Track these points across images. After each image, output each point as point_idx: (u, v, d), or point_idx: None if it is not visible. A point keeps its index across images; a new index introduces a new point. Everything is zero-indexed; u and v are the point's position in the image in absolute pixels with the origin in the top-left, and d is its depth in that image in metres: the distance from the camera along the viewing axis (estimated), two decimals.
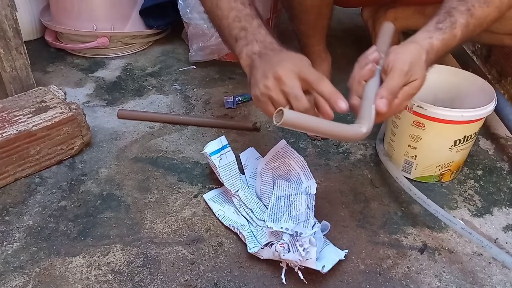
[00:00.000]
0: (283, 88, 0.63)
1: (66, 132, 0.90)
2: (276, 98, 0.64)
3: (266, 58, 0.67)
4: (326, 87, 0.63)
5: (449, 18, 0.69)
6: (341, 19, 1.58)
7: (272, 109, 0.65)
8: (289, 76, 0.63)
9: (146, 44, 1.39)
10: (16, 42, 0.99)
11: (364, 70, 0.66)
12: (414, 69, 0.64)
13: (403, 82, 0.64)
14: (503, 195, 0.89)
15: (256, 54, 0.69)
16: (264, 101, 0.65)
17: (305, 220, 0.72)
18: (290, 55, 0.67)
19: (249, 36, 0.70)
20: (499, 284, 0.71)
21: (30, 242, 0.76)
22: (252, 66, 0.68)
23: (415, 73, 0.65)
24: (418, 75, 0.65)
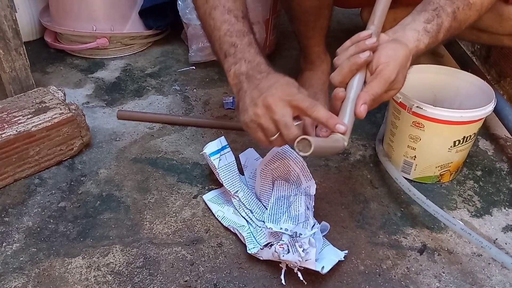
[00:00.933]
0: (273, 116, 0.63)
1: (65, 133, 0.90)
2: (266, 126, 0.64)
3: (255, 82, 0.67)
4: (321, 113, 0.64)
5: (436, 20, 0.68)
6: (341, 20, 1.58)
7: (261, 136, 0.66)
8: (278, 105, 0.63)
9: (146, 44, 1.39)
10: (15, 42, 0.99)
11: (360, 59, 0.65)
12: (398, 78, 0.65)
13: (386, 90, 0.65)
14: (503, 195, 0.89)
15: (243, 75, 0.68)
16: (254, 128, 0.66)
17: (305, 221, 0.72)
18: (278, 81, 0.66)
19: (238, 54, 0.70)
20: (498, 285, 0.71)
21: (29, 243, 0.76)
22: (240, 88, 0.69)
23: (398, 82, 0.66)
24: (399, 84, 0.66)
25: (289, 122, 0.63)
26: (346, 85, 0.67)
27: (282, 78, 0.67)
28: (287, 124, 0.63)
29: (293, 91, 0.65)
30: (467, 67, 1.15)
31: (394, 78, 0.64)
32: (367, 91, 0.64)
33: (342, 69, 0.66)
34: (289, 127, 0.63)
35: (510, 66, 1.15)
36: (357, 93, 0.65)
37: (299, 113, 0.65)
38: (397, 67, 0.64)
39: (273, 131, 0.64)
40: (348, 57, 0.66)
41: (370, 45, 0.65)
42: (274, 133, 0.64)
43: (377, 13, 0.71)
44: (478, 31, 0.96)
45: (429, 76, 0.92)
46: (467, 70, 0.98)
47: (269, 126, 0.64)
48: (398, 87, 0.66)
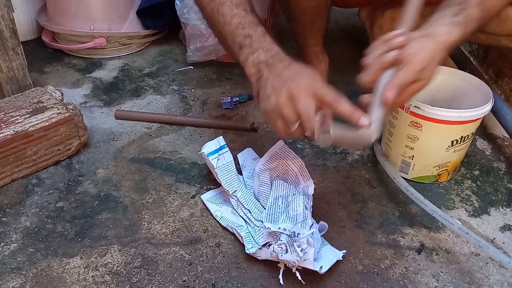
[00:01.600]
0: (296, 106, 0.63)
1: (63, 133, 0.90)
2: (288, 115, 0.64)
3: (276, 71, 0.66)
4: (346, 107, 0.64)
5: (463, 12, 0.68)
6: (339, 20, 1.58)
7: (280, 125, 0.65)
8: (303, 96, 0.63)
9: (144, 44, 1.39)
10: (13, 42, 0.99)
11: (388, 57, 0.65)
12: (427, 69, 0.64)
13: (414, 79, 0.64)
14: (500, 195, 0.89)
15: (263, 64, 0.68)
16: (274, 117, 0.65)
17: (303, 221, 0.72)
18: (303, 71, 0.66)
19: (255, 44, 0.69)
20: (496, 284, 0.71)
21: (27, 243, 0.75)
22: (260, 76, 0.68)
23: (426, 73, 0.65)
24: (428, 75, 0.65)
25: (312, 114, 0.63)
26: (374, 86, 0.66)
27: (306, 69, 0.67)
28: (310, 115, 0.63)
29: (318, 83, 0.65)
30: (465, 67, 1.16)
31: (421, 68, 0.63)
32: (395, 78, 0.64)
33: (370, 68, 0.66)
34: (311, 119, 0.63)
35: (507, 66, 1.15)
36: None
37: (322, 105, 0.64)
38: (425, 57, 0.64)
39: (293, 121, 0.64)
40: (377, 56, 0.66)
41: (399, 43, 0.65)
42: (294, 123, 0.64)
43: (408, 13, 0.71)
44: (476, 31, 0.96)
45: None
46: (465, 70, 0.98)
47: (290, 116, 0.64)
48: (427, 77, 0.65)
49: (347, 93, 0.67)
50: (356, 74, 0.69)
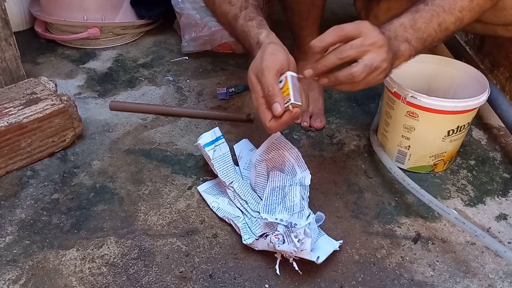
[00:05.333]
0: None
1: (57, 124, 0.89)
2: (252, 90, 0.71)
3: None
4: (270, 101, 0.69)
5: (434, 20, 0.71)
6: (334, 10, 1.58)
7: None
8: (250, 75, 0.71)
9: (138, 34, 1.38)
10: (5, 33, 0.97)
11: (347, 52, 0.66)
12: (371, 75, 0.66)
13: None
14: (496, 184, 0.89)
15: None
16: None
17: (300, 211, 0.72)
18: (265, 51, 0.71)
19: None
20: (491, 273, 0.72)
21: (22, 235, 0.75)
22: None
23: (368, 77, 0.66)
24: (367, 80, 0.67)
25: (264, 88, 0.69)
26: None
27: (270, 49, 0.71)
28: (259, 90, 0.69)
29: (265, 63, 0.69)
30: (460, 56, 1.16)
31: (368, 73, 0.65)
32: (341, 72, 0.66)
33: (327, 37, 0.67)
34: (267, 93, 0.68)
35: (503, 55, 1.15)
36: None
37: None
38: (378, 66, 0.65)
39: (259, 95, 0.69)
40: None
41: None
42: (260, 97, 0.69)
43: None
44: (472, 21, 0.96)
45: (423, 65, 0.92)
46: (461, 60, 0.98)
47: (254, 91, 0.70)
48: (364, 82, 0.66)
49: None
50: None
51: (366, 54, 0.64)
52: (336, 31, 0.65)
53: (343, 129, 1.02)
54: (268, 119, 0.68)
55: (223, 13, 0.80)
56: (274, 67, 0.68)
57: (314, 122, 1.02)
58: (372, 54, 0.64)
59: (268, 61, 0.68)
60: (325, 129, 1.02)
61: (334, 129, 1.02)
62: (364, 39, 0.64)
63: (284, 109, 0.66)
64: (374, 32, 0.64)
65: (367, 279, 0.70)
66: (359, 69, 0.64)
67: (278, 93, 0.67)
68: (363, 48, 0.64)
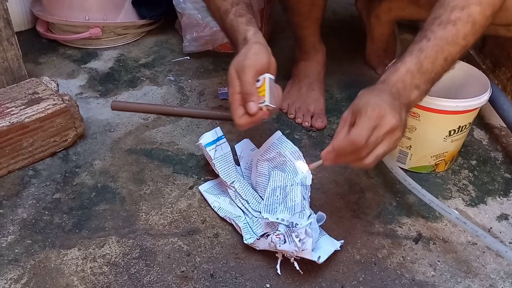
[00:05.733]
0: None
1: (59, 124, 0.89)
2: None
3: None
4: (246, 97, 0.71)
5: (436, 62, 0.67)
6: (336, 10, 1.58)
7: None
8: (230, 71, 0.74)
9: (139, 34, 1.38)
10: (7, 32, 0.98)
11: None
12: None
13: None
14: (497, 184, 0.89)
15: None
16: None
17: (301, 211, 0.72)
18: (249, 50, 0.73)
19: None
20: (493, 273, 0.72)
21: (24, 234, 0.75)
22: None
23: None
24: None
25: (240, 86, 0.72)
26: None
27: (253, 49, 0.73)
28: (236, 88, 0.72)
29: (246, 62, 0.71)
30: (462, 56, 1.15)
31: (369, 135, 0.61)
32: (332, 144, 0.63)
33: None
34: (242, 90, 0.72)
35: (505, 55, 1.15)
36: None
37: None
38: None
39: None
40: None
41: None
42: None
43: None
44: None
45: None
46: (462, 60, 0.98)
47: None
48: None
49: (345, 83, 0.67)
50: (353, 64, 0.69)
51: (382, 142, 0.62)
52: (345, 140, 0.61)
53: None
54: (239, 115, 0.71)
55: (216, 8, 0.82)
56: (254, 67, 0.70)
57: (315, 122, 1.02)
58: (387, 141, 0.62)
59: (250, 60, 0.70)
60: (326, 129, 1.02)
61: (335, 129, 1.02)
62: (379, 130, 0.60)
63: (258, 108, 0.70)
64: (386, 116, 0.60)
65: (368, 279, 0.70)
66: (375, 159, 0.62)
67: (255, 92, 0.70)
68: (379, 140, 0.61)
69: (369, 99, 0.62)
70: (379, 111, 0.60)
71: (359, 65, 1.25)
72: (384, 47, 1.21)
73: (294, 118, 1.04)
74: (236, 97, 0.71)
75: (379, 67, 1.20)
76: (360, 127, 0.60)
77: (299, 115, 1.04)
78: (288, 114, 1.05)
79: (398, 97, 0.64)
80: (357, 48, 1.28)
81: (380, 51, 1.21)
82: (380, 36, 1.17)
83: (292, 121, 1.04)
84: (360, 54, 1.26)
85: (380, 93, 0.63)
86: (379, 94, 0.63)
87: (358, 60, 1.26)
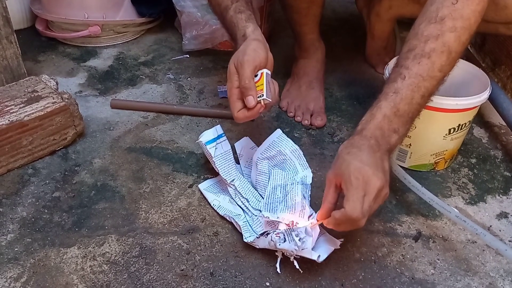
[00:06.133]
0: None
1: (58, 122, 0.89)
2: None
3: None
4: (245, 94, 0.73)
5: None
6: (336, 8, 1.57)
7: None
8: (230, 65, 0.75)
9: (139, 32, 1.38)
10: (6, 31, 0.97)
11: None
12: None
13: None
14: (497, 183, 0.89)
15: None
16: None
17: (301, 210, 0.72)
18: (247, 46, 0.75)
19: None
20: (492, 271, 0.72)
21: (24, 233, 0.75)
22: None
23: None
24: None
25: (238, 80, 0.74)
26: None
27: (252, 45, 0.75)
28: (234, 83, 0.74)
29: (245, 57, 0.73)
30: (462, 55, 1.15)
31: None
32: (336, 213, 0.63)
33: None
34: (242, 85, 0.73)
35: (504, 54, 1.15)
36: None
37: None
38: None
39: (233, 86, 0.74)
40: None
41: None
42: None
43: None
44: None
45: None
46: (462, 58, 0.97)
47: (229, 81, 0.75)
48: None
49: (345, 81, 0.67)
50: (353, 62, 0.69)
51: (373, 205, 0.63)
52: (343, 216, 0.61)
53: (344, 127, 1.02)
54: (237, 109, 0.73)
55: (217, 3, 0.84)
56: (253, 62, 0.72)
57: (315, 120, 1.02)
58: (377, 201, 0.63)
59: (249, 56, 0.72)
60: (326, 127, 1.02)
61: (335, 127, 1.02)
62: (368, 197, 0.61)
63: (256, 102, 0.72)
64: (370, 180, 0.61)
65: (368, 277, 0.70)
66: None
67: (253, 87, 0.72)
68: (371, 205, 0.62)
69: (349, 164, 0.62)
70: (363, 177, 0.61)
71: (359, 63, 1.25)
72: (384, 45, 1.21)
73: (294, 116, 1.04)
74: (234, 92, 0.73)
75: (379, 65, 1.20)
76: (352, 201, 0.60)
77: (298, 113, 1.04)
78: (287, 112, 1.05)
79: (377, 147, 0.64)
80: (357, 46, 1.28)
81: (380, 49, 1.21)
82: (380, 34, 1.17)
83: (292, 119, 1.04)
84: (360, 52, 1.26)
85: (359, 152, 0.63)
86: (358, 154, 0.63)
87: (358, 58, 1.26)
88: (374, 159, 0.63)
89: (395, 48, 1.24)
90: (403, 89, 0.65)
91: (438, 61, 0.65)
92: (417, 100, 0.66)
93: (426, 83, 0.66)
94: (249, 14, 0.80)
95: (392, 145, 0.66)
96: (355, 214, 0.60)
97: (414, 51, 0.66)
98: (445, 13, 0.65)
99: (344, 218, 0.61)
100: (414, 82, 0.65)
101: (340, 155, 0.65)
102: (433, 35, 0.65)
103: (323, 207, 0.67)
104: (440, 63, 0.66)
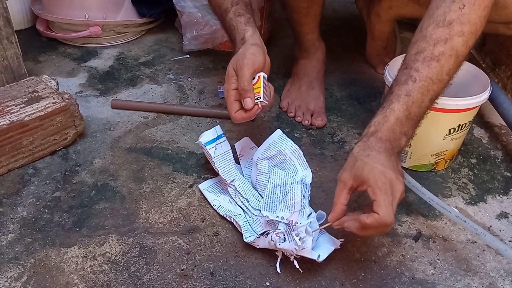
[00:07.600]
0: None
1: (59, 122, 0.89)
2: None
3: None
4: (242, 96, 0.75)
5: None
6: (336, 8, 1.57)
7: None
8: (229, 68, 0.77)
9: (139, 33, 1.38)
10: (7, 31, 0.98)
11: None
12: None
13: None
14: (497, 183, 0.89)
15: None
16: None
17: (301, 210, 0.72)
18: (246, 50, 0.77)
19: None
20: (492, 271, 0.72)
21: (24, 233, 0.75)
22: None
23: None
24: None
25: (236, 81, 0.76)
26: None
27: (252, 49, 0.77)
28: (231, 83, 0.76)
29: (244, 61, 0.75)
30: None
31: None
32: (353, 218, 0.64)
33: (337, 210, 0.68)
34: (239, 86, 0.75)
35: (505, 54, 1.15)
36: None
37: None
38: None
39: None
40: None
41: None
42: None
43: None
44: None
45: None
46: None
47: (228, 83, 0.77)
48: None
49: (345, 81, 0.67)
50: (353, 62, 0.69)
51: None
52: (376, 221, 0.61)
53: (344, 128, 1.02)
54: (234, 110, 0.75)
55: (217, 5, 0.86)
56: (252, 66, 0.74)
57: (315, 120, 1.02)
58: (395, 204, 0.63)
59: (248, 59, 0.74)
60: (326, 127, 1.02)
61: (335, 128, 1.02)
62: (395, 201, 0.62)
63: (254, 104, 0.75)
64: (394, 184, 0.61)
65: (368, 277, 0.70)
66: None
67: (252, 89, 0.74)
68: (396, 207, 0.62)
69: (373, 167, 0.62)
70: (389, 182, 0.61)
71: (359, 63, 1.25)
72: (384, 45, 1.21)
73: (294, 116, 1.04)
74: (232, 93, 0.75)
75: (379, 65, 1.20)
76: (385, 207, 0.60)
77: (299, 114, 1.04)
78: (288, 112, 1.05)
79: (391, 150, 0.64)
80: (357, 46, 1.28)
81: (380, 49, 1.21)
82: (380, 34, 1.17)
83: (292, 120, 1.04)
84: (360, 52, 1.26)
85: (378, 155, 0.63)
86: (378, 158, 0.62)
87: (358, 58, 1.26)
88: (391, 162, 0.63)
89: (395, 48, 1.24)
90: (415, 92, 0.65)
91: (446, 64, 0.66)
92: (426, 103, 0.66)
93: (435, 86, 0.66)
94: (248, 17, 0.81)
95: (401, 148, 0.67)
96: (390, 219, 0.60)
97: (423, 54, 0.66)
98: (453, 18, 0.65)
99: (377, 223, 0.61)
100: (425, 85, 0.65)
101: (358, 158, 0.64)
102: (441, 38, 0.65)
103: (335, 209, 0.66)
104: (448, 67, 0.66)
